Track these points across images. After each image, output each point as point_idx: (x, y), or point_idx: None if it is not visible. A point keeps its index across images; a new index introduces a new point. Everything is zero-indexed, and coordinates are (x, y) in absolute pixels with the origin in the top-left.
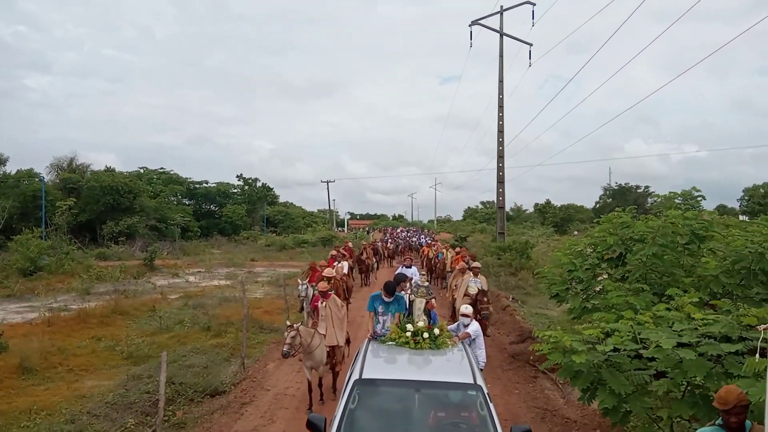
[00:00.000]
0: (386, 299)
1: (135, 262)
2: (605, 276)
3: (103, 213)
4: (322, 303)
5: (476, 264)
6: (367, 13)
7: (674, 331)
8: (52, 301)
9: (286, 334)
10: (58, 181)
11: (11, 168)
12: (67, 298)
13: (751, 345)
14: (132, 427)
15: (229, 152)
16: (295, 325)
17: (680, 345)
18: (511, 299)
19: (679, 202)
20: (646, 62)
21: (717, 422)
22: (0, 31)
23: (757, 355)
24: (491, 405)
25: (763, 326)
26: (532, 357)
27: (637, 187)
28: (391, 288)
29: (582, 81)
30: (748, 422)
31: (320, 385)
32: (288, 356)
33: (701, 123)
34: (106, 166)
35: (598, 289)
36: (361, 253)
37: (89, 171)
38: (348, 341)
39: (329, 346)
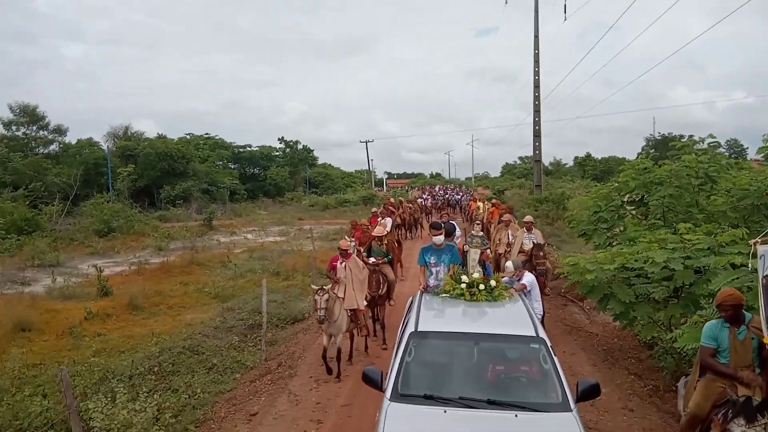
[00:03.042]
0: (434, 236)
1: (194, 223)
2: (630, 216)
3: (159, 178)
4: (341, 263)
5: (528, 218)
6: None
7: (668, 249)
8: (132, 257)
9: (317, 297)
10: (115, 149)
11: (71, 138)
12: (145, 254)
13: (729, 258)
14: (236, 343)
15: (263, 115)
16: (324, 287)
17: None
18: (546, 244)
19: (724, 150)
20: (692, 5)
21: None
22: (37, 1)
23: (749, 263)
24: (555, 358)
25: (752, 240)
26: (563, 290)
27: (681, 136)
28: (437, 224)
29: (624, 27)
30: (748, 314)
31: (339, 358)
32: (323, 321)
33: (749, 68)
34: (158, 133)
35: (620, 229)
36: (397, 208)
37: (144, 138)
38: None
39: (350, 310)
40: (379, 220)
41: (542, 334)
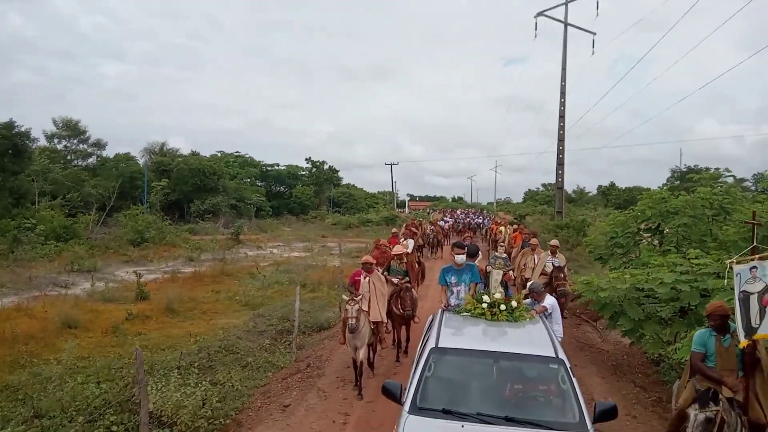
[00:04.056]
0: (456, 254)
1: (222, 237)
2: (645, 243)
3: (191, 192)
4: (364, 277)
5: (554, 242)
6: None
7: (676, 271)
8: (165, 266)
9: (349, 307)
10: (150, 164)
11: (109, 152)
12: (177, 263)
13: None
14: (267, 345)
15: (291, 135)
16: (355, 297)
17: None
18: (566, 268)
19: (750, 184)
20: (722, 40)
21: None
22: (81, 21)
23: (725, 281)
24: (574, 380)
25: (729, 260)
26: (578, 310)
27: (707, 169)
28: (460, 243)
29: (653, 59)
30: (733, 325)
31: (360, 369)
32: (355, 330)
33: None
34: (191, 150)
35: (636, 255)
36: (419, 229)
37: (178, 154)
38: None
39: (373, 322)
40: (401, 240)
41: (562, 355)
